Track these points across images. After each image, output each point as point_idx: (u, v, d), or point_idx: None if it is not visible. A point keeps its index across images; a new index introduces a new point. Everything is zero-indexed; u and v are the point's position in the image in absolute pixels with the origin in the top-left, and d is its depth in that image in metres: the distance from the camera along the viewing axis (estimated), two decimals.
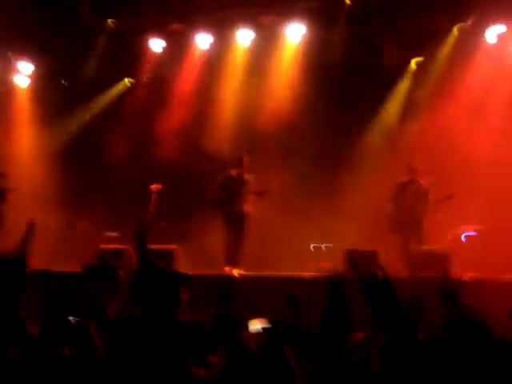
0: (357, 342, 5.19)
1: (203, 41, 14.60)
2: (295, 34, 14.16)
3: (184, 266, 11.38)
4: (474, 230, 12.69)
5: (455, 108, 13.28)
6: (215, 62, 14.81)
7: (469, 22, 13.39)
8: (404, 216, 12.14)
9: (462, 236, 12.65)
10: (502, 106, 13.24)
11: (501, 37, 13.40)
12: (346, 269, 10.51)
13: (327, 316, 5.15)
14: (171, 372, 3.30)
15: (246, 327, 7.09)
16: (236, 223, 11.88)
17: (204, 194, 12.54)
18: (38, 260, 12.39)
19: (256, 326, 7.09)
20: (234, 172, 11.99)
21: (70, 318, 7.70)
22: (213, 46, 14.70)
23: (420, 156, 12.82)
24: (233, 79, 14.82)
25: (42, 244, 13.34)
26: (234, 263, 11.72)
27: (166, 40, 14.76)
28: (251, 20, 14.17)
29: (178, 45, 14.80)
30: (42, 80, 15.76)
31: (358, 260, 10.46)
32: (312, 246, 13.94)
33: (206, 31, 14.45)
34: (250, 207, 11.92)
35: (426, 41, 13.64)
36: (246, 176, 11.92)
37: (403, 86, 14.38)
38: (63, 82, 16.05)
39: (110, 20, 14.52)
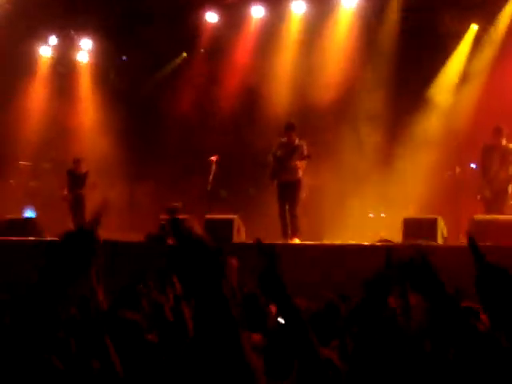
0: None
1: (258, 12, 14.10)
2: (349, 3, 13.46)
3: (245, 235, 11.12)
4: None
5: None
6: (270, 32, 14.18)
7: None
8: (489, 182, 11.13)
9: None
10: None
11: None
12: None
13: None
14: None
15: None
16: (291, 191, 11.12)
17: (260, 164, 12.10)
18: (101, 230, 12.53)
19: None
20: (284, 139, 11.20)
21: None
22: (267, 17, 14.16)
23: (480, 121, 12.03)
24: (288, 49, 14.19)
25: (106, 214, 13.47)
26: (293, 232, 11.07)
27: (222, 13, 14.31)
28: None
29: (234, 17, 14.31)
30: (103, 56, 15.55)
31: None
32: (370, 214, 13.54)
33: (260, 2, 13.95)
34: (301, 173, 11.11)
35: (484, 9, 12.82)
36: (297, 142, 11.08)
37: (462, 51, 13.44)
38: (123, 57, 15.83)
39: None
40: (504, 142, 11.06)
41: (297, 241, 10.92)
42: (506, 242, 9.24)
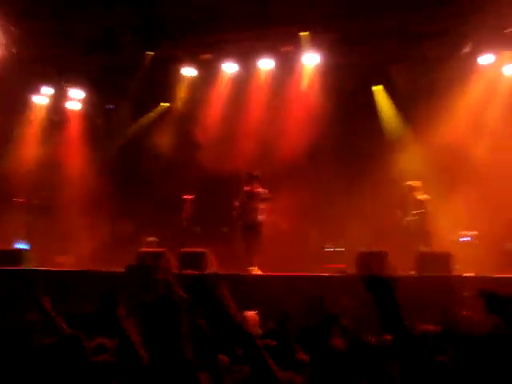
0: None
1: (229, 68, 14.29)
2: (310, 62, 13.69)
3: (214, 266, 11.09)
4: (469, 235, 12.37)
5: (456, 123, 12.82)
6: (240, 86, 14.40)
7: (465, 50, 12.94)
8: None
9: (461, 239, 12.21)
10: (498, 120, 12.78)
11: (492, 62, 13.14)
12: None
13: None
14: None
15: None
16: (252, 231, 11.65)
17: (228, 205, 12.27)
18: (85, 261, 12.69)
19: None
20: (247, 188, 11.78)
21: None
22: (238, 72, 14.37)
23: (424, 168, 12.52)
24: (255, 102, 14.42)
25: (90, 247, 13.49)
26: (253, 265, 11.46)
27: (197, 68, 14.47)
28: (272, 50, 13.71)
29: (208, 72, 14.50)
30: (92, 104, 15.71)
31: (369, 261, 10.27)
32: (325, 248, 13.52)
33: (232, 60, 14.15)
34: (263, 217, 11.71)
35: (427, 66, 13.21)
36: (259, 190, 11.68)
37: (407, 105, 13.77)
38: (109, 106, 15.92)
39: (148, 52, 14.09)
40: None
41: (258, 272, 11.21)
42: (441, 271, 9.56)
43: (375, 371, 3.76)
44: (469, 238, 12.36)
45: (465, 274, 9.64)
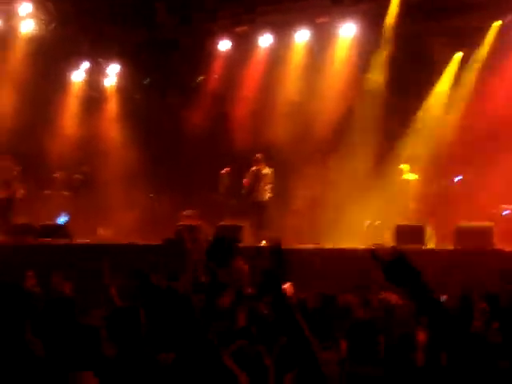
0: None
1: (266, 40, 14.09)
2: (348, 33, 13.42)
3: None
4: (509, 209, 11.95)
5: (497, 97, 12.35)
6: (276, 59, 14.20)
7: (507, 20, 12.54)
8: None
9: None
10: None
11: None
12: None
13: None
14: None
15: None
16: (258, 209, 12.34)
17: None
18: (125, 234, 12.83)
19: None
20: (253, 169, 12.42)
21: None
22: (274, 45, 14.15)
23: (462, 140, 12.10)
24: (291, 74, 14.20)
25: (129, 220, 13.60)
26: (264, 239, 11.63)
27: (233, 41, 14.32)
28: (308, 21, 13.50)
29: (244, 45, 14.35)
30: (128, 79, 15.68)
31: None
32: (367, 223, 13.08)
33: (267, 32, 13.95)
34: (268, 196, 12.38)
35: (469, 37, 12.79)
36: (265, 171, 12.32)
37: (448, 77, 13.38)
38: (145, 81, 15.79)
39: (184, 26, 14.07)
40: None
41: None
42: (481, 245, 9.38)
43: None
44: (508, 212, 12.04)
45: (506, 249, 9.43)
